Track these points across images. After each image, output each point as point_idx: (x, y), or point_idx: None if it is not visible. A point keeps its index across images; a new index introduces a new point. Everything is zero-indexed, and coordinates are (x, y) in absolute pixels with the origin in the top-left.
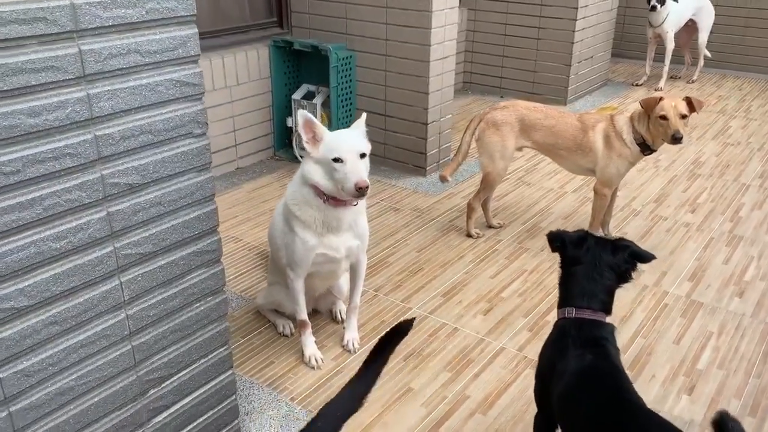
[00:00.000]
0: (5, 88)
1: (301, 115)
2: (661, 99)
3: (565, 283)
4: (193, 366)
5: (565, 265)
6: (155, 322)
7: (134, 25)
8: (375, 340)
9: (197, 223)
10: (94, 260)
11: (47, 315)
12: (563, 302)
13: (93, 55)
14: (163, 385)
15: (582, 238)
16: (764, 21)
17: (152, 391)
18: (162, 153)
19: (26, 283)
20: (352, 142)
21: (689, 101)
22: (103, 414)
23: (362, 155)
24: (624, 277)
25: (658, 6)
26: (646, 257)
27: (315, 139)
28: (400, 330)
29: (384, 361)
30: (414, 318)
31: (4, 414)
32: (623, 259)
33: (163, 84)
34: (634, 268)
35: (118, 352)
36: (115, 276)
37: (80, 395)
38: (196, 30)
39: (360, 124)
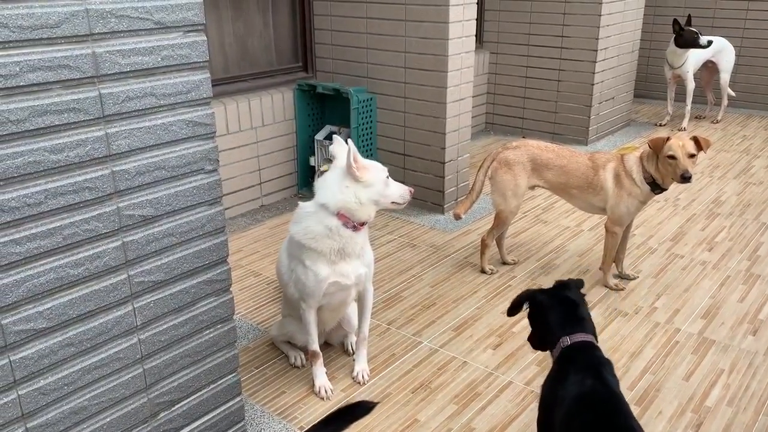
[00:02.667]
0: (32, 128)
1: (350, 144)
2: (668, 139)
3: (545, 326)
4: (203, 391)
5: (537, 314)
6: (166, 347)
7: (150, 70)
8: (385, 372)
9: (208, 254)
10: (109, 287)
11: (64, 337)
12: (553, 338)
13: (112, 98)
14: (173, 409)
15: (539, 291)
16: None
17: (163, 414)
18: (175, 187)
19: (45, 307)
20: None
21: (696, 140)
22: None
23: None
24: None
25: (705, 41)
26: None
27: (359, 167)
28: (362, 407)
29: (346, 423)
30: (377, 402)
31: (21, 430)
32: (575, 290)
33: (177, 124)
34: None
35: (130, 375)
36: (128, 302)
37: (94, 414)
38: (209, 75)
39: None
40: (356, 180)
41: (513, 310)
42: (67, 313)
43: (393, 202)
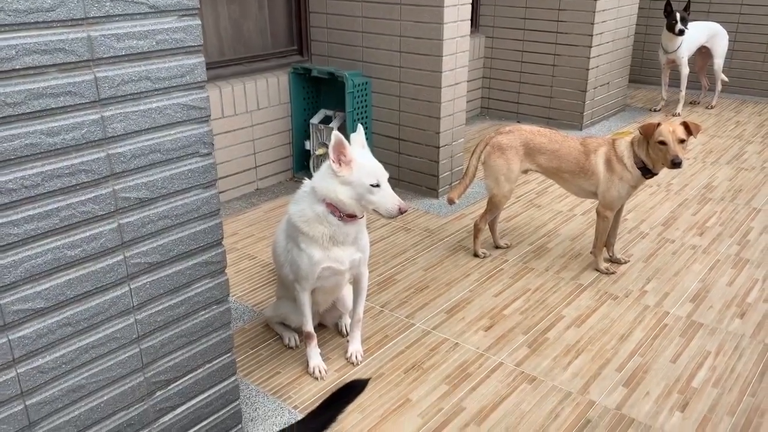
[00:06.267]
0: (28, 111)
1: (335, 136)
2: (659, 125)
3: None
4: (198, 371)
5: None
6: (162, 328)
7: (145, 54)
8: (379, 353)
9: (203, 236)
10: (105, 268)
11: (62, 317)
12: None
13: (107, 82)
14: (169, 388)
15: None
16: None
17: (159, 393)
18: (170, 170)
19: (43, 287)
20: (380, 166)
21: (686, 125)
22: (112, 412)
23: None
24: None
25: (685, 30)
26: None
27: (344, 162)
28: (356, 385)
29: (331, 419)
30: (369, 378)
31: (20, 407)
32: None
33: (172, 107)
34: None
35: (126, 354)
36: (125, 283)
37: (91, 393)
38: (203, 58)
39: (362, 140)
40: (335, 173)
41: None
42: (64, 293)
43: (375, 210)
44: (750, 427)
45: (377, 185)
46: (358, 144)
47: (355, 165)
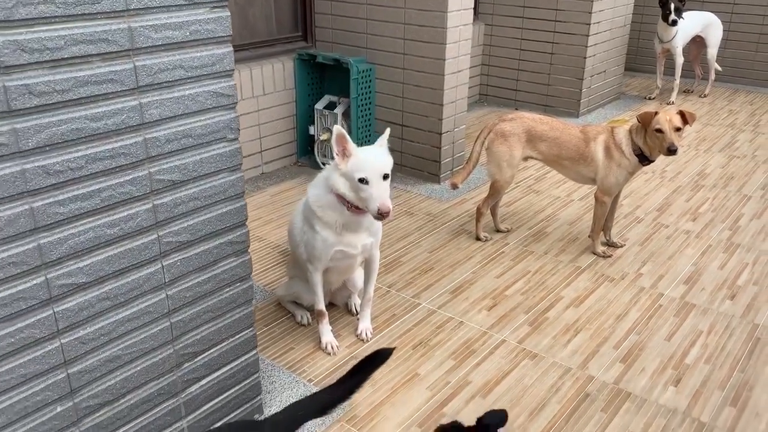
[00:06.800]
0: (74, 97)
1: (336, 129)
2: (656, 113)
3: None
4: (223, 344)
5: None
6: (191, 303)
7: (180, 44)
8: (387, 331)
9: (229, 217)
10: (140, 246)
11: (101, 291)
12: None
13: (145, 70)
14: (196, 360)
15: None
16: None
17: (186, 365)
18: (200, 154)
19: (85, 263)
20: (377, 163)
21: (682, 114)
22: (144, 381)
23: (385, 176)
24: None
25: (678, 21)
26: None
27: (345, 154)
28: (382, 354)
29: (359, 383)
30: (394, 348)
31: (63, 375)
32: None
33: (202, 95)
34: None
35: (158, 328)
36: (158, 260)
37: (126, 363)
38: (232, 48)
39: (383, 141)
40: (337, 166)
41: None
42: (104, 269)
43: (365, 206)
44: (739, 401)
45: (365, 181)
46: (378, 143)
47: (351, 158)
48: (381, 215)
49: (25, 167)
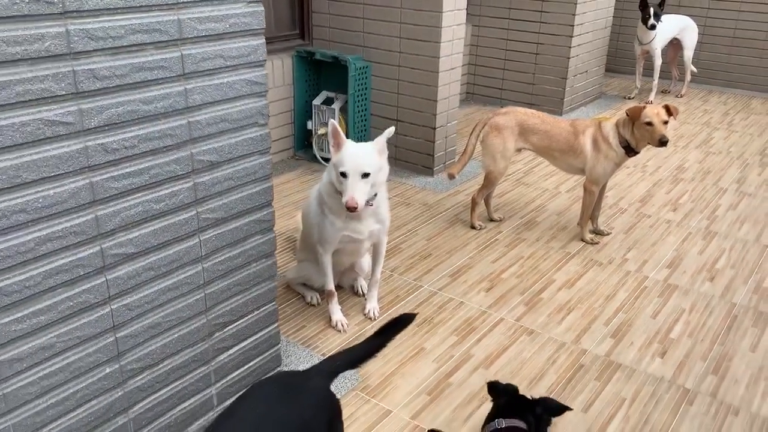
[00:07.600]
0: (131, 82)
1: (331, 123)
2: (644, 107)
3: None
4: (249, 316)
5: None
6: (223, 276)
7: (220, 35)
8: (392, 311)
9: (258, 197)
10: (182, 221)
11: (146, 262)
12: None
13: (190, 58)
14: (225, 330)
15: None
16: (748, 41)
17: (217, 334)
18: (235, 138)
19: (134, 235)
20: (358, 160)
21: (668, 108)
22: (181, 348)
23: (365, 175)
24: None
25: (657, 25)
26: (559, 411)
27: (338, 146)
28: (405, 318)
29: (385, 341)
30: (417, 313)
31: (111, 339)
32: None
33: (239, 83)
34: (549, 422)
35: (194, 298)
36: (196, 235)
37: (165, 330)
38: (264, 40)
39: (381, 140)
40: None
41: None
42: (149, 241)
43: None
44: (719, 370)
45: (345, 175)
46: (375, 140)
47: (341, 151)
48: (348, 209)
49: (87, 144)
